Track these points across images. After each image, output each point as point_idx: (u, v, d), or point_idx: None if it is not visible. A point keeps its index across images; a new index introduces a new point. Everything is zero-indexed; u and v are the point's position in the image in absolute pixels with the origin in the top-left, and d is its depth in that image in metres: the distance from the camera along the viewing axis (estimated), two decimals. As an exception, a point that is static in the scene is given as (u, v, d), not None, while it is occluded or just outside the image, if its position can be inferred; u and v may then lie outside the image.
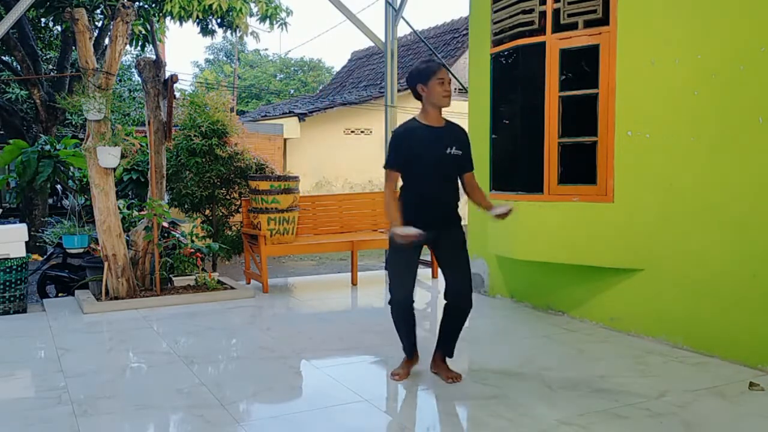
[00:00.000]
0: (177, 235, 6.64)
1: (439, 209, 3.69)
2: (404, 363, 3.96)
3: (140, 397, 3.64)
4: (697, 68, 4.35)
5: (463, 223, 3.85)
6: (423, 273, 7.57)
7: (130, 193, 8.58)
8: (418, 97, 3.75)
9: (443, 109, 3.76)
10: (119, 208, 6.09)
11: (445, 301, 3.82)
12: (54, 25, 12.08)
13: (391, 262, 3.85)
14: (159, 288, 6.09)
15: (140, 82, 6.90)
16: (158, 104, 6.34)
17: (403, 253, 3.69)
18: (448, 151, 3.67)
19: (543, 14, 5.14)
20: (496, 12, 5.63)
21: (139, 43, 10.97)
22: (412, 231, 3.46)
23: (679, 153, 4.47)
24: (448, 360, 3.92)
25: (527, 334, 4.96)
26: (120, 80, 16.53)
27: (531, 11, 5.22)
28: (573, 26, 4.99)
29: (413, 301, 3.78)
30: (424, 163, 3.65)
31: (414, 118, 3.76)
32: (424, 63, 3.75)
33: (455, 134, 3.77)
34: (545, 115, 5.14)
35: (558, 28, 5.07)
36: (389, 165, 3.74)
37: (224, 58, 36.61)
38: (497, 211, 3.67)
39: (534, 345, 4.66)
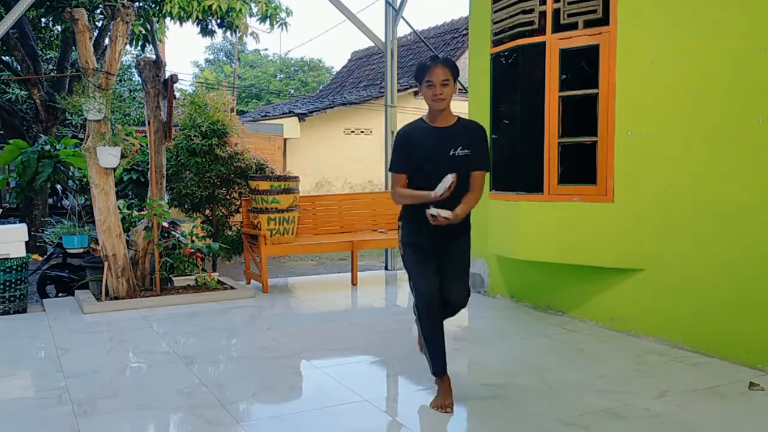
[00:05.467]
0: (177, 235, 6.64)
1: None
2: (442, 385, 3.47)
3: (140, 397, 3.64)
4: (697, 68, 4.35)
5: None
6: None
7: (130, 193, 8.58)
8: None
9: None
10: (119, 208, 6.09)
11: None
12: (54, 25, 12.07)
13: (406, 258, 3.56)
14: (159, 288, 6.09)
15: (140, 82, 6.90)
16: (158, 104, 6.34)
17: (417, 247, 3.50)
18: (452, 152, 3.40)
19: (543, 14, 5.14)
20: (496, 12, 5.64)
21: (139, 43, 10.95)
22: (446, 181, 3.22)
23: (679, 153, 4.47)
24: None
25: (527, 334, 4.96)
26: (120, 80, 16.52)
27: (531, 11, 5.22)
28: (573, 26, 5.00)
29: (440, 299, 3.46)
30: (426, 166, 3.41)
31: (421, 118, 3.55)
32: (421, 62, 3.46)
33: (465, 133, 3.46)
34: (545, 115, 5.14)
35: (558, 28, 5.07)
36: (392, 168, 3.55)
37: (224, 58, 36.62)
38: (435, 210, 3.25)
39: (534, 345, 4.66)
